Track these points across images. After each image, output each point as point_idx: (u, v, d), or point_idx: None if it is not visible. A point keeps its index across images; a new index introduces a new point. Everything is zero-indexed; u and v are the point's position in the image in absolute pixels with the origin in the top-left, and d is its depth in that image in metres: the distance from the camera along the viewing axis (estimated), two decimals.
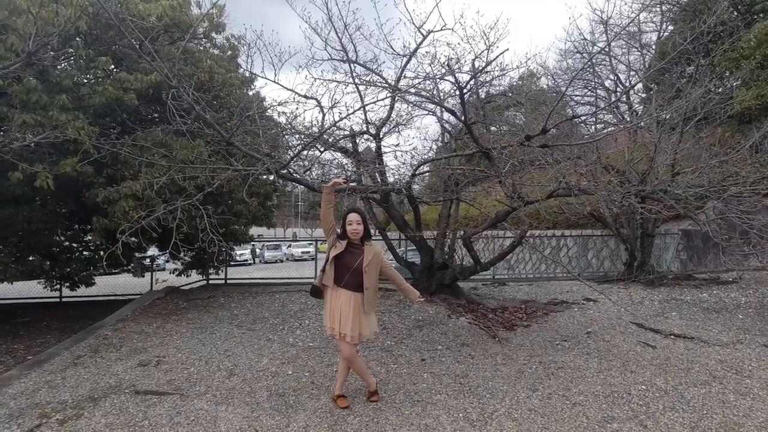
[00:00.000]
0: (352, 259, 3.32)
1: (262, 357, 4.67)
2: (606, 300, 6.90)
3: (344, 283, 3.32)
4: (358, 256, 3.32)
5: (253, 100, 6.74)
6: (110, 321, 6.14)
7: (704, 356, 4.57)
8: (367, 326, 3.39)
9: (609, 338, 5.20)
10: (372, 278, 3.33)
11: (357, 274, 3.29)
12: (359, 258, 3.30)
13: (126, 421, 3.26)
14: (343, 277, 3.31)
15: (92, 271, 7.80)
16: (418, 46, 5.80)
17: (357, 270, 3.29)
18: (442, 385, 3.83)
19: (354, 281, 3.30)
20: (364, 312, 3.33)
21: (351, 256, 3.33)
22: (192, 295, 7.96)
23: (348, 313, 3.27)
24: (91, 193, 5.68)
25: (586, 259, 11.16)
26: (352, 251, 3.34)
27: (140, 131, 5.91)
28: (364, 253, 3.33)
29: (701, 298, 7.25)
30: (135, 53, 5.59)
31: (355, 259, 3.31)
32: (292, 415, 3.33)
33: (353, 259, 3.31)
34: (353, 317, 3.27)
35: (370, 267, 3.30)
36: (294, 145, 5.95)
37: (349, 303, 3.29)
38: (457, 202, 7.15)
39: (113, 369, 4.40)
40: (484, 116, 6.38)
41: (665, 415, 3.28)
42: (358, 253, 3.33)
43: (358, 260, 3.30)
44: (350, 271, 3.30)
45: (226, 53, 7.80)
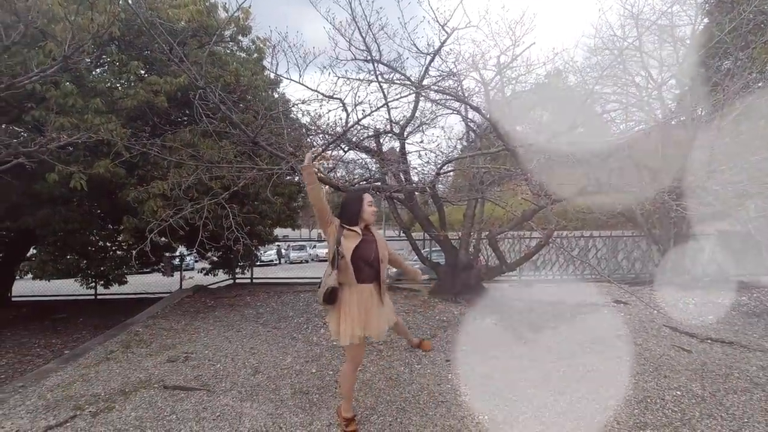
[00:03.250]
0: (368, 248, 2.90)
1: (287, 355, 4.71)
2: (637, 302, 6.66)
3: (362, 278, 2.88)
4: (372, 243, 2.93)
5: (277, 102, 6.84)
6: (141, 318, 6.32)
7: (744, 362, 4.34)
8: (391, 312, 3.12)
9: (641, 342, 5.01)
10: (385, 266, 3.00)
11: (374, 265, 2.90)
12: (373, 246, 2.92)
13: (155, 415, 3.33)
14: (362, 271, 2.88)
15: (124, 270, 8.06)
16: (443, 44, 5.75)
17: (375, 260, 2.90)
18: (466, 387, 3.76)
19: (371, 273, 2.91)
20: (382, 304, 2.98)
21: (367, 245, 2.91)
22: (219, 294, 8.11)
23: (373, 310, 2.90)
24: (123, 193, 5.87)
25: (616, 260, 10.81)
26: (366, 239, 2.93)
27: (170, 133, 6.07)
28: (377, 238, 2.97)
29: (740, 301, 6.91)
30: (165, 57, 5.76)
31: (370, 247, 2.91)
32: (316, 413, 3.33)
33: (369, 249, 2.91)
34: (379, 312, 2.93)
35: (383, 254, 2.96)
36: (318, 145, 6.00)
37: (372, 299, 2.91)
38: (482, 201, 7.05)
39: (143, 364, 4.51)
40: (510, 113, 6.27)
41: (702, 423, 3.12)
42: (372, 241, 2.94)
43: (373, 249, 2.92)
44: (368, 262, 2.89)
45: (252, 56, 7.94)
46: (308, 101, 5.90)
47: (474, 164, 6.48)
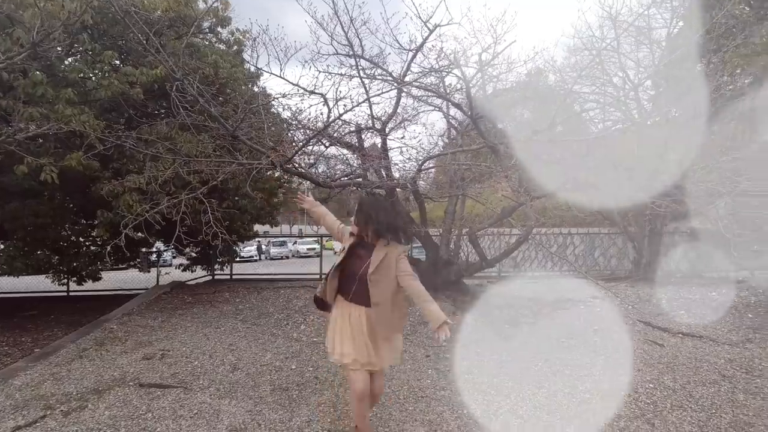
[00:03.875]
0: (357, 263, 2.51)
1: (266, 352, 4.66)
2: (613, 298, 6.83)
3: (352, 296, 2.53)
4: (365, 259, 2.49)
5: (258, 95, 6.73)
6: (116, 315, 6.17)
7: (713, 355, 4.50)
8: (388, 352, 2.57)
9: (616, 336, 5.13)
10: (383, 290, 2.44)
11: (363, 284, 2.48)
12: (365, 262, 2.48)
13: (130, 414, 3.26)
14: (350, 288, 2.52)
15: (99, 266, 7.84)
16: (425, 41, 5.74)
17: (362, 278, 2.48)
18: (446, 382, 3.80)
19: (362, 293, 2.49)
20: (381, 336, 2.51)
21: (357, 259, 2.52)
22: (197, 290, 7.98)
23: (357, 335, 2.49)
24: (96, 187, 5.70)
25: (593, 257, 11.06)
26: (359, 252, 2.53)
27: (146, 125, 5.91)
28: (373, 255, 2.48)
29: (710, 296, 7.14)
30: (141, 47, 5.59)
31: (361, 263, 2.50)
32: (295, 409, 3.31)
33: (359, 264, 2.50)
34: (365, 339, 2.49)
35: (378, 274, 2.44)
36: (299, 140, 5.93)
37: (361, 322, 2.49)
38: (462, 198, 7.10)
39: (118, 362, 4.41)
40: (491, 111, 6.32)
41: (673, 414, 3.22)
42: (366, 256, 2.50)
43: (363, 265, 2.48)
44: (356, 279, 2.51)
45: (232, 48, 7.78)
46: (289, 95, 5.82)
47: (455, 161, 6.51)
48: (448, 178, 7.06)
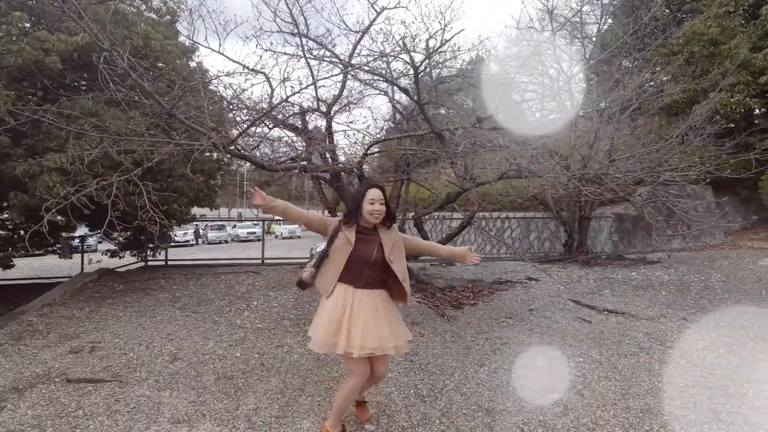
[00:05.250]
0: (367, 249, 2.53)
1: (208, 340, 4.49)
2: (547, 279, 7.29)
3: (364, 283, 2.53)
4: (374, 243, 2.54)
5: (195, 71, 6.32)
6: (35, 306, 5.64)
7: (633, 330, 4.94)
8: (401, 329, 2.64)
9: (549, 315, 5.49)
10: (402, 267, 2.59)
11: (378, 267, 2.54)
12: (376, 245, 2.54)
13: (57, 412, 3.01)
14: (362, 275, 2.52)
15: (11, 252, 7.10)
16: (372, 23, 5.65)
17: (377, 262, 2.52)
18: (393, 363, 3.86)
19: (375, 276, 2.55)
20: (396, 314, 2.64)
21: (365, 245, 2.53)
22: (129, 278, 7.49)
23: (378, 321, 2.49)
24: (7, 165, 5.12)
25: (529, 240, 11.71)
26: (365, 238, 2.55)
27: (66, 99, 5.36)
28: (381, 237, 2.57)
29: (631, 276, 7.84)
30: (57, 10, 5.04)
31: (371, 248, 2.53)
32: (242, 397, 3.23)
33: (369, 249, 2.52)
34: (388, 324, 2.52)
35: (394, 255, 2.56)
36: (241, 121, 5.66)
37: (377, 306, 2.52)
38: (407, 182, 7.18)
39: (40, 357, 4.05)
40: (436, 97, 6.40)
41: (600, 384, 3.52)
42: (373, 240, 2.55)
43: (375, 249, 2.53)
44: (369, 264, 2.52)
45: (164, 17, 7.24)
46: (231, 74, 5.51)
47: (401, 146, 6.55)
48: (393, 162, 7.10)
